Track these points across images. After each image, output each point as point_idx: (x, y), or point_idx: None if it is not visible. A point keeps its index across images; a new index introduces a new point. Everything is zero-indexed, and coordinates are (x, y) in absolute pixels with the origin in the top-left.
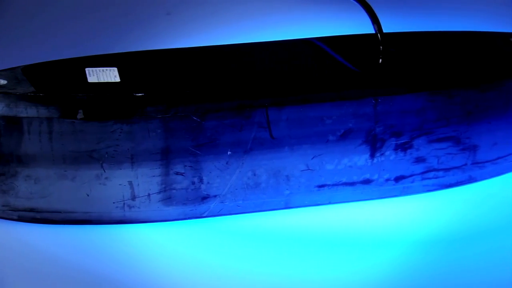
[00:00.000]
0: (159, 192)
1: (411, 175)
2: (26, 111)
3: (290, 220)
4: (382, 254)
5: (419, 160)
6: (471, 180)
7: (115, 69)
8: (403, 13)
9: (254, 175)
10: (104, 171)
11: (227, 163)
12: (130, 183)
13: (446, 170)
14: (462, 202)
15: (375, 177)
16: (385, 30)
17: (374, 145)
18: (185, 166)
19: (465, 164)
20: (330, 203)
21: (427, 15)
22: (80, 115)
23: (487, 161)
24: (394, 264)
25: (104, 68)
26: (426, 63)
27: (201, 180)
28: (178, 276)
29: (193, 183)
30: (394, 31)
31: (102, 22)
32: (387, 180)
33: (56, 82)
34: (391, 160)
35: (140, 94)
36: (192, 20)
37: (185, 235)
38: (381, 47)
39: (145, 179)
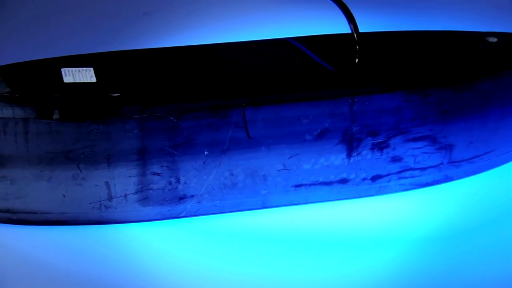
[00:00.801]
0: (136, 193)
1: (387, 175)
2: (1, 111)
3: (267, 220)
4: (359, 253)
5: (395, 159)
6: (447, 179)
7: (91, 69)
8: (379, 12)
9: (231, 175)
10: (81, 172)
11: (204, 163)
12: (107, 183)
13: (423, 169)
14: (438, 201)
15: (352, 176)
16: (361, 29)
17: (351, 145)
18: (162, 166)
19: (441, 163)
20: (307, 202)
21: (403, 15)
22: (56, 116)
23: (463, 160)
24: (370, 262)
25: (80, 69)
26: (402, 63)
27: (178, 180)
28: (155, 276)
29: (170, 183)
30: (370, 30)
31: (78, 22)
32: (364, 179)
33: (32, 83)
34: (367, 159)
35: (116, 95)
36: (169, 20)
37: (163, 235)
38: (357, 47)
39: (122, 179)
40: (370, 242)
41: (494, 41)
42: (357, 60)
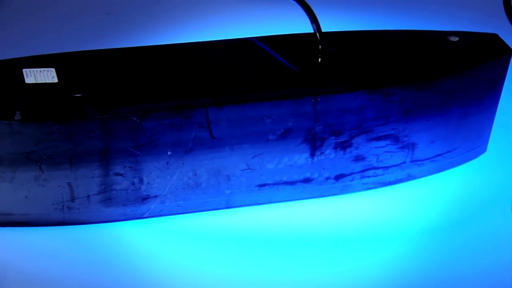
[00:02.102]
0: (98, 193)
1: (350, 174)
2: None
3: (231, 219)
4: (323, 252)
5: (358, 158)
6: (409, 177)
7: (53, 69)
8: (342, 12)
9: (195, 175)
10: (43, 173)
11: (167, 163)
12: (69, 184)
13: (385, 168)
14: (401, 199)
15: (315, 175)
16: (324, 29)
17: (314, 144)
18: (125, 166)
19: (404, 162)
20: (271, 202)
21: (365, 15)
22: (17, 117)
23: (425, 159)
24: (334, 261)
25: (42, 69)
26: (364, 62)
27: (141, 181)
28: (119, 276)
29: (133, 183)
30: (333, 30)
31: (40, 22)
32: (327, 178)
33: None
34: (331, 158)
35: (78, 95)
36: (132, 20)
37: (126, 236)
38: (320, 47)
39: (85, 180)
40: (333, 241)
41: (456, 40)
42: (319, 59)
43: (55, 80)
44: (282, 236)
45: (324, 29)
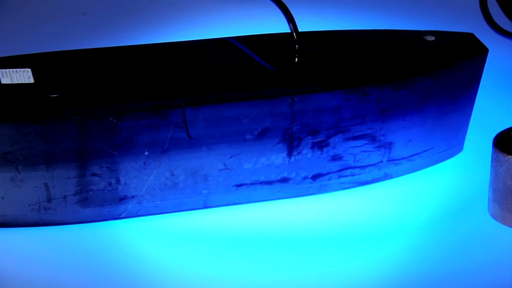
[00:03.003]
0: (75, 194)
1: (328, 173)
2: None
3: (209, 219)
4: (299, 252)
5: (335, 158)
6: (386, 177)
7: (29, 70)
8: (319, 12)
9: (172, 175)
10: (19, 173)
11: (144, 164)
12: (46, 185)
13: (362, 167)
14: (377, 199)
15: (293, 175)
16: (301, 29)
17: (291, 144)
18: (102, 167)
19: (381, 162)
20: (248, 202)
21: (342, 14)
22: None
23: (402, 158)
24: (312, 261)
25: (18, 70)
26: (341, 62)
27: (118, 181)
28: (96, 276)
29: (110, 184)
30: (310, 30)
31: (15, 23)
32: (305, 178)
33: None
34: (308, 158)
35: (54, 95)
36: (108, 20)
37: (103, 236)
38: (296, 46)
39: (61, 181)
40: (310, 241)
41: (432, 39)
42: (296, 59)
43: (31, 80)
44: (260, 236)
45: (301, 28)
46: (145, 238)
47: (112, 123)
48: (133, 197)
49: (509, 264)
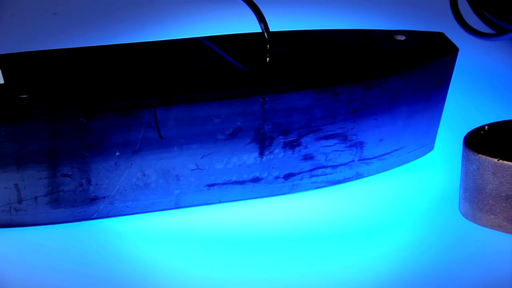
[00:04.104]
0: (46, 195)
1: (300, 173)
2: None
3: (181, 220)
4: (272, 252)
5: (307, 157)
6: (358, 176)
7: None
8: (290, 11)
9: (144, 175)
10: None
11: (115, 164)
12: (16, 186)
13: (334, 167)
14: (349, 198)
15: (265, 175)
16: (271, 29)
17: (263, 144)
18: (73, 167)
19: (352, 161)
20: (220, 202)
21: (313, 14)
22: None
23: (373, 158)
24: (284, 260)
25: None
26: (312, 61)
27: (89, 182)
28: (66, 277)
29: (81, 184)
30: (281, 29)
31: None
32: (277, 178)
33: None
34: (280, 158)
35: (24, 96)
36: (79, 20)
37: (75, 236)
38: (268, 46)
39: (32, 181)
40: (282, 240)
41: (402, 39)
42: (268, 59)
43: (1, 81)
44: (232, 236)
45: (272, 28)
46: (118, 238)
47: (83, 124)
48: (104, 197)
49: (480, 262)
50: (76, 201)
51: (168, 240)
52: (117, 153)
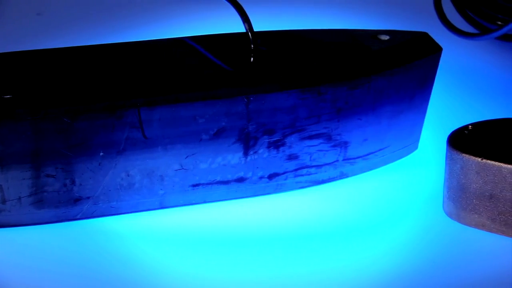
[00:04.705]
0: (30, 195)
1: (284, 173)
2: None
3: (165, 220)
4: (257, 252)
5: (291, 157)
6: (342, 176)
7: None
8: (274, 11)
9: (128, 175)
10: None
11: (99, 164)
12: (0, 186)
13: (318, 166)
14: (333, 198)
15: (249, 175)
16: (256, 29)
17: (247, 144)
18: (57, 168)
19: (337, 161)
20: (205, 202)
21: (296, 14)
22: None
23: (358, 157)
24: (269, 260)
25: None
26: (297, 61)
27: (73, 182)
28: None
29: (65, 185)
30: (265, 29)
31: None
32: (261, 177)
33: None
34: (264, 158)
35: (8, 96)
36: (62, 20)
37: (59, 237)
38: (252, 46)
39: (15, 182)
40: (266, 240)
41: (386, 39)
42: (252, 59)
43: None
44: (216, 236)
45: (256, 28)
46: (101, 238)
47: (67, 124)
48: (88, 198)
49: (464, 261)
50: (60, 202)
51: (153, 240)
52: (101, 154)
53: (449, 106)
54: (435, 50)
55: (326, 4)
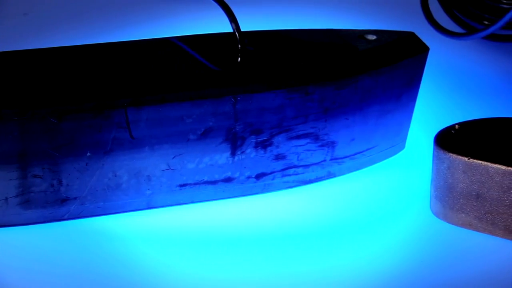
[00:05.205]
0: (16, 196)
1: (271, 172)
2: None
3: (153, 220)
4: (244, 251)
5: (279, 157)
6: (330, 175)
7: None
8: (261, 11)
9: (115, 176)
10: None
11: (86, 165)
12: None
13: (306, 166)
14: (321, 197)
15: (237, 175)
16: (243, 29)
17: (235, 144)
18: (43, 168)
19: (324, 160)
20: (192, 202)
21: (284, 14)
22: None
23: (345, 157)
24: (257, 259)
25: None
26: (284, 61)
27: (60, 183)
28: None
29: (52, 185)
30: (252, 29)
31: None
32: (248, 177)
33: None
34: (252, 158)
35: None
36: (49, 20)
37: (46, 238)
38: (239, 46)
39: (2, 182)
40: (254, 240)
41: (373, 38)
42: (239, 59)
43: None
44: (204, 236)
45: (243, 28)
46: (88, 239)
47: (54, 124)
48: (75, 198)
49: (451, 260)
50: (47, 202)
51: (141, 240)
52: (88, 154)
53: (436, 106)
54: (422, 50)
55: (313, 4)
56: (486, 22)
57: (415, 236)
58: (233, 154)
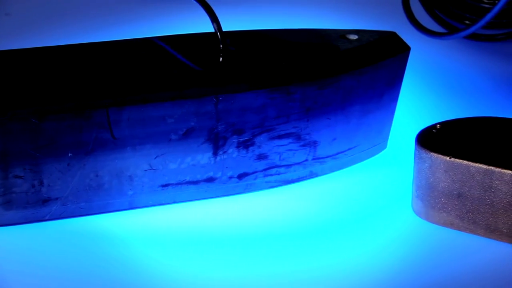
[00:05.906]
0: None
1: (253, 172)
2: None
3: (135, 220)
4: (226, 251)
5: (261, 157)
6: (312, 175)
7: None
8: (242, 11)
9: (97, 176)
10: None
11: (68, 165)
12: None
13: (288, 166)
14: (303, 197)
15: (219, 175)
16: (224, 29)
17: (217, 143)
18: (25, 169)
19: (306, 160)
20: (174, 202)
21: (265, 13)
22: None
23: (327, 157)
24: (236, 260)
25: None
26: (265, 61)
27: (41, 183)
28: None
29: (33, 186)
30: (233, 29)
31: None
32: (231, 177)
33: None
34: (234, 157)
35: None
36: (31, 21)
37: (26, 238)
38: (221, 46)
39: None
40: (236, 240)
41: (355, 38)
42: (221, 59)
43: None
44: (186, 236)
45: (225, 28)
46: (69, 239)
47: (35, 124)
48: (57, 199)
49: (433, 260)
50: (29, 203)
51: (124, 240)
52: (69, 154)
53: (417, 105)
54: (404, 50)
55: (294, 4)
56: (467, 22)
57: (396, 235)
58: (215, 154)
